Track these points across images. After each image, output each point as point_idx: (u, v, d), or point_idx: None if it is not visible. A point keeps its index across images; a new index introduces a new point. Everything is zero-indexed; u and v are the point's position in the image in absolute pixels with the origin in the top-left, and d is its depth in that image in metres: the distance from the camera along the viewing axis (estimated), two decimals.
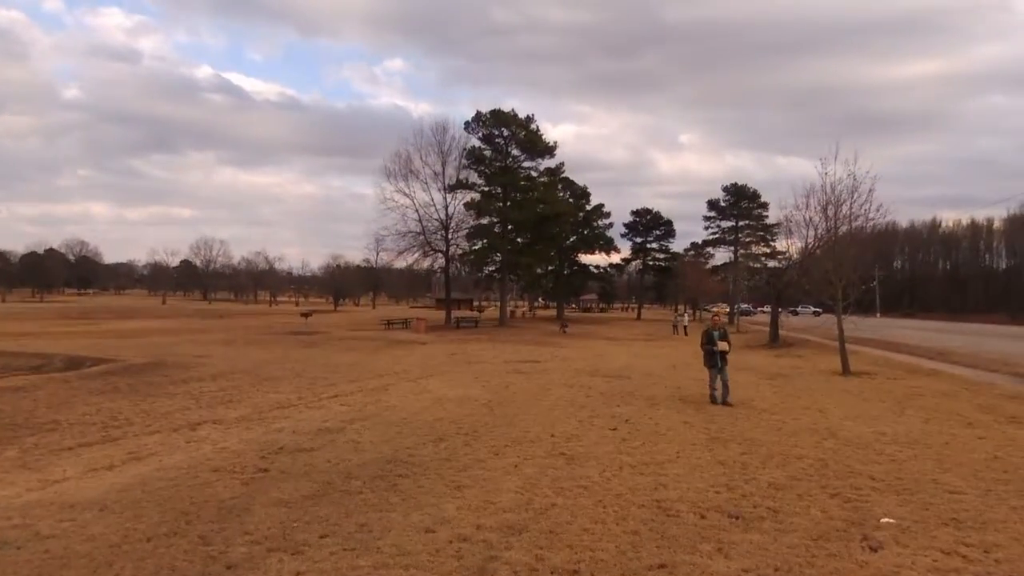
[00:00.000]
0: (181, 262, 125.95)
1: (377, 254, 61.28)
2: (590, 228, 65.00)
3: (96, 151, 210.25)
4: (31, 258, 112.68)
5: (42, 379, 13.66)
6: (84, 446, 7.86)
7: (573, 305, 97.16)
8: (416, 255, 48.39)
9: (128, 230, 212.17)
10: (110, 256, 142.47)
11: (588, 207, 63.91)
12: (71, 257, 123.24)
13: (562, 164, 51.78)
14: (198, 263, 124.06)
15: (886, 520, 5.22)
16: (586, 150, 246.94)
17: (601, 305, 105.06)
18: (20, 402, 10.90)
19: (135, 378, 14.18)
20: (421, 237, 46.79)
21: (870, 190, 17.96)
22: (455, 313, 51.58)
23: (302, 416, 9.92)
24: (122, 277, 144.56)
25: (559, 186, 55.11)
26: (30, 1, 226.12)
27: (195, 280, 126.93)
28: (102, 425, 9.10)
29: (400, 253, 48.02)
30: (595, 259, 69.89)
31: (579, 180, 69.09)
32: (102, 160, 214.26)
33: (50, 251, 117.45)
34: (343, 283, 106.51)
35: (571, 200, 58.85)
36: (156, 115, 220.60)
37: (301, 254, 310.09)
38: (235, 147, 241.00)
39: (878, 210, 18.41)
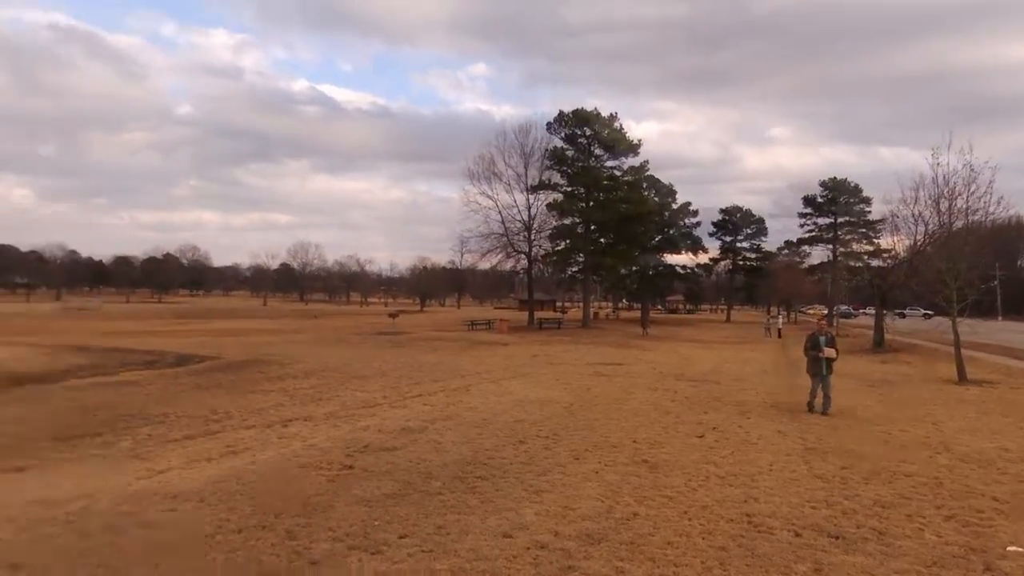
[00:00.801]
0: (280, 265, 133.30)
1: (461, 256, 62.33)
2: (676, 227, 63.30)
3: (205, 163, 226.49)
4: (150, 262, 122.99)
5: (155, 374, 14.76)
6: (188, 438, 8.37)
7: (658, 307, 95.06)
8: (499, 256, 48.94)
9: (233, 235, 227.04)
10: (218, 259, 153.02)
11: (674, 205, 62.25)
12: (184, 261, 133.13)
13: (646, 162, 50.73)
14: (295, 266, 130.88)
15: (1013, 549, 4.67)
16: (671, 147, 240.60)
17: (688, 306, 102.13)
18: (135, 395, 11.80)
19: (235, 375, 15.05)
20: (504, 238, 47.22)
21: (990, 181, 16.41)
22: (538, 314, 51.64)
23: (387, 415, 10.16)
24: (228, 279, 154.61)
25: (643, 185, 53.98)
26: (149, 26, 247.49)
27: (292, 282, 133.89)
28: (204, 419, 9.68)
29: (484, 255, 48.73)
30: (682, 259, 68.04)
31: (664, 178, 67.27)
32: (210, 171, 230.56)
33: (167, 256, 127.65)
34: (429, 284, 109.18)
35: (656, 199, 57.48)
36: (257, 127, 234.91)
37: (389, 256, 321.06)
38: (328, 155, 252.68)
39: (999, 203, 16.79)
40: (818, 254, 66.62)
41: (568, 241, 48.56)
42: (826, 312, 52.68)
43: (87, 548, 4.56)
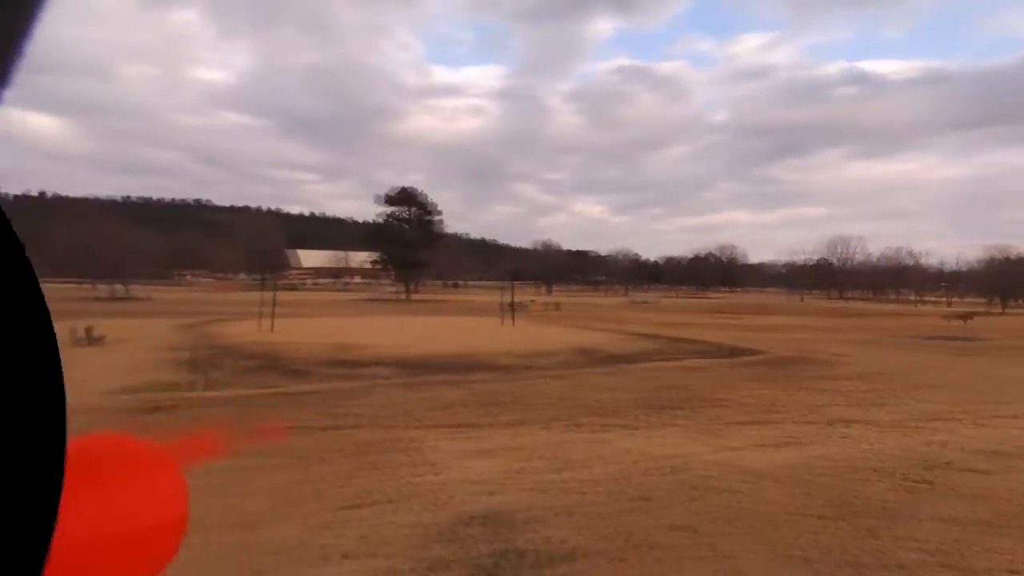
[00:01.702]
0: (816, 260, 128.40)
1: None
2: None
3: (736, 165, 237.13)
4: (694, 261, 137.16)
5: (711, 363, 16.51)
6: (749, 424, 9.17)
7: None
8: None
9: (764, 232, 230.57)
10: (751, 257, 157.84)
11: None
12: (723, 259, 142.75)
13: None
14: (834, 260, 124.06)
15: None
16: None
17: None
18: (699, 380, 13.51)
19: (782, 370, 15.46)
20: None
21: None
22: None
23: (966, 432, 8.80)
24: (762, 275, 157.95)
25: None
26: (687, 48, 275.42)
27: (829, 277, 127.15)
28: (760, 409, 10.37)
29: None
30: None
31: None
32: (741, 172, 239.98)
33: (708, 255, 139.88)
34: (1012, 280, 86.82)
35: None
36: (785, 121, 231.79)
37: (948, 246, 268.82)
38: (865, 138, 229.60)
39: None
40: None
41: None
42: None
43: (688, 496, 5.65)
